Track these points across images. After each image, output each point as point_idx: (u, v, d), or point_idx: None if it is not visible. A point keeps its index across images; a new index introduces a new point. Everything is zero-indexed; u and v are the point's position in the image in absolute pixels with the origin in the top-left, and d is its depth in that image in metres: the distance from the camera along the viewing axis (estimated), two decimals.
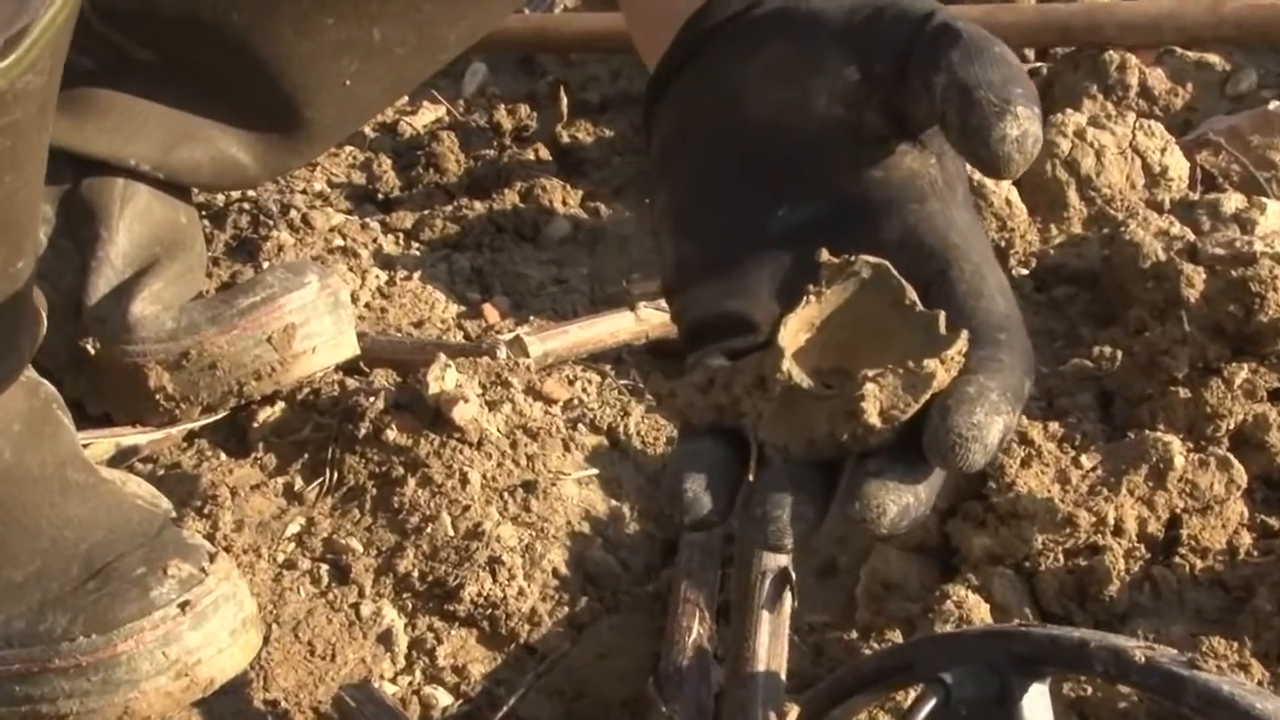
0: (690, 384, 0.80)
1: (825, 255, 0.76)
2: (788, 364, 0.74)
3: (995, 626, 1.20)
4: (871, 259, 0.75)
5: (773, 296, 0.79)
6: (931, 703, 0.93)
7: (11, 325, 1.15)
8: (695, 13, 0.86)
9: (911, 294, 0.74)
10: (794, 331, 0.76)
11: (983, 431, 0.69)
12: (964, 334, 0.72)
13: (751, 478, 0.77)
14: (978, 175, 1.59)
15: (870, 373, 0.72)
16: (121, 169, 1.45)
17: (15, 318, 1.14)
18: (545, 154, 1.92)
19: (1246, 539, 1.27)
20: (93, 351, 1.43)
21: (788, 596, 1.21)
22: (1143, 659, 0.90)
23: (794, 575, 1.22)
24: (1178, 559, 1.25)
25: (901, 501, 0.71)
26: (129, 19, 1.19)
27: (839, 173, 0.81)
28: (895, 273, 0.75)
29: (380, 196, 1.88)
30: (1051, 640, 0.94)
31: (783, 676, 1.16)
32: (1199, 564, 1.25)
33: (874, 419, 0.72)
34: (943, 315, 0.73)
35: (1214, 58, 1.89)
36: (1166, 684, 0.90)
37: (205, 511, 1.37)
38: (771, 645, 1.17)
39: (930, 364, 0.71)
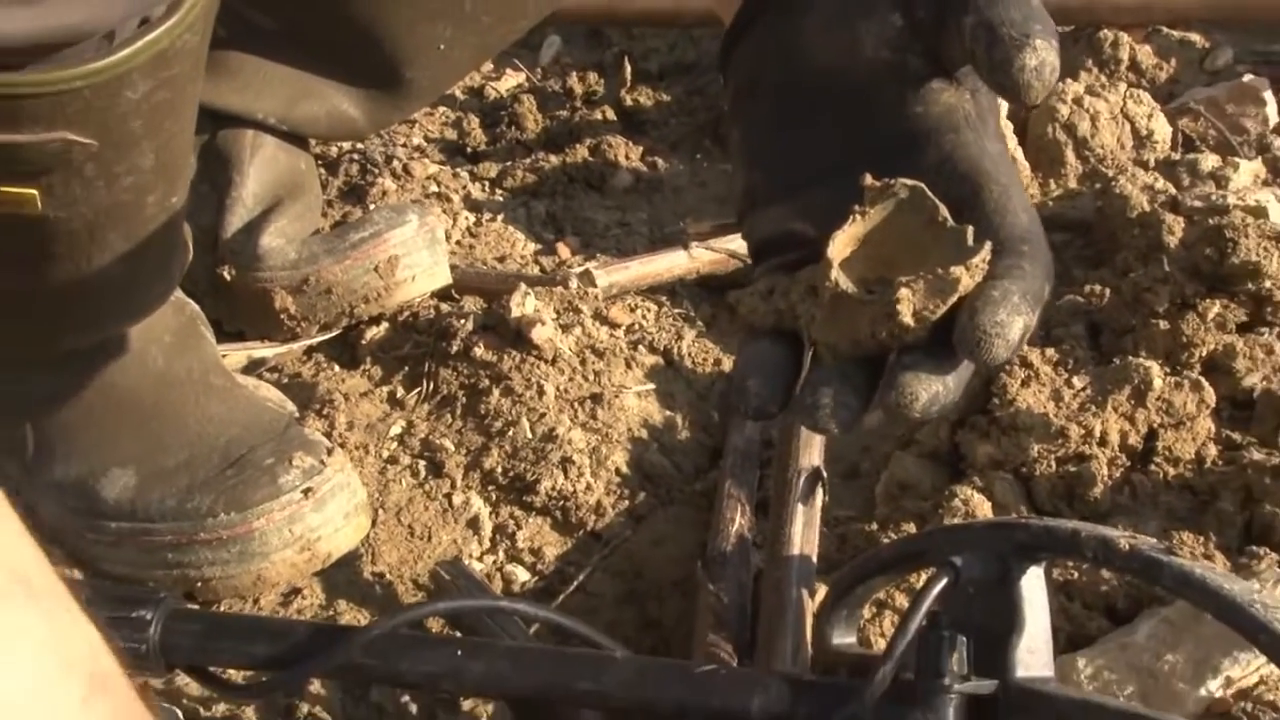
0: (754, 292, 0.82)
1: (869, 179, 0.76)
2: (835, 273, 0.75)
3: (999, 519, 1.20)
4: (909, 181, 0.76)
5: (826, 220, 0.80)
6: (943, 582, 0.94)
7: (166, 252, 1.17)
8: None
9: (944, 211, 0.75)
10: (841, 246, 0.76)
11: (1005, 329, 0.70)
12: (988, 245, 0.73)
13: (804, 373, 0.79)
14: (1011, 150, 1.60)
15: (904, 279, 0.73)
16: (250, 122, 1.46)
17: (169, 246, 1.17)
18: (610, 115, 1.92)
19: (1213, 450, 1.27)
20: (228, 278, 1.45)
21: (819, 492, 1.22)
22: (1126, 546, 0.91)
23: (825, 474, 1.24)
24: (1153, 467, 1.26)
25: (932, 390, 0.72)
26: None
27: (885, 109, 0.81)
28: (929, 193, 0.75)
29: (469, 150, 1.89)
30: (1048, 530, 0.95)
31: (814, 560, 1.18)
32: (1172, 471, 1.26)
33: (908, 319, 0.73)
34: (970, 229, 0.74)
35: (1195, 36, 1.87)
36: (1146, 568, 0.91)
37: (322, 413, 1.39)
38: (805, 534, 1.19)
39: (956, 270, 0.72)
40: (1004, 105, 1.64)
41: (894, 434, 1.36)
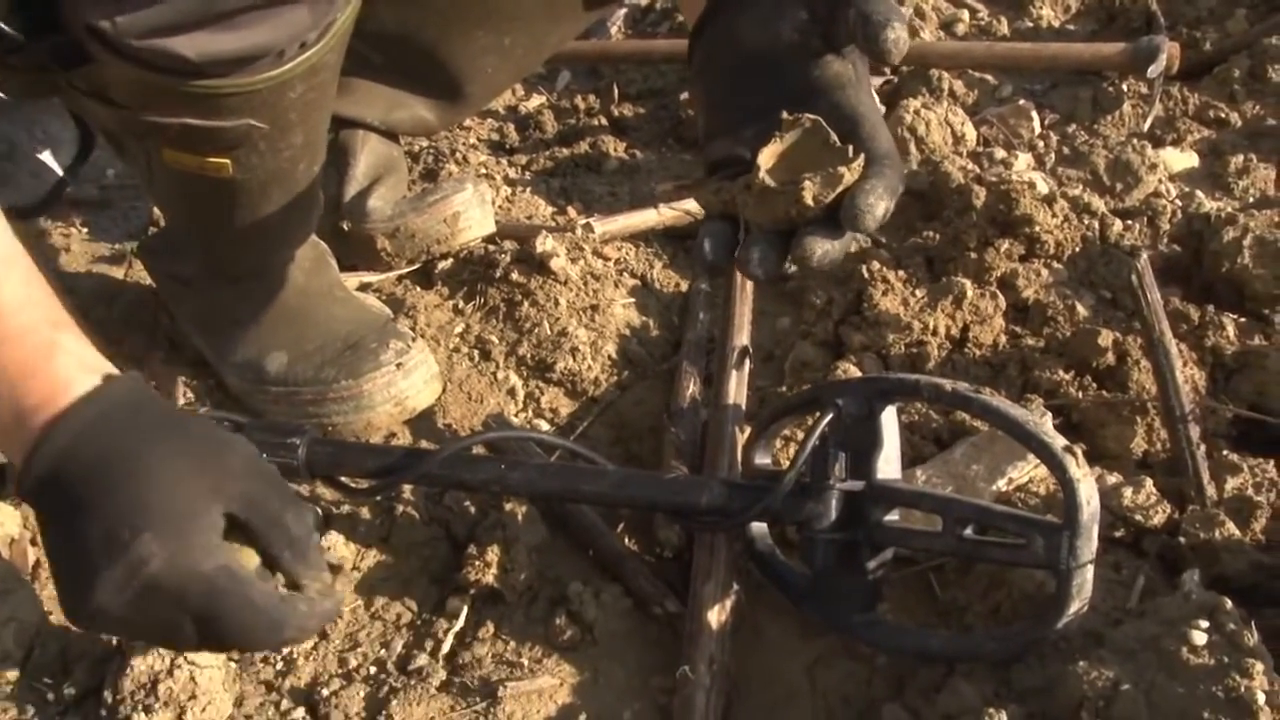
0: (709, 190, 0.84)
1: (785, 115, 0.80)
2: (763, 173, 0.78)
3: (869, 375, 1.21)
4: (812, 116, 0.79)
5: (757, 144, 0.82)
6: (830, 415, 0.95)
7: (309, 204, 1.17)
8: None
9: (834, 136, 0.78)
10: (766, 158, 0.79)
11: (873, 208, 0.75)
12: (863, 156, 0.77)
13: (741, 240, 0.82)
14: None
15: (808, 175, 0.76)
16: (361, 124, 1.44)
17: (310, 200, 1.16)
18: (603, 122, 1.90)
19: (1003, 339, 1.28)
20: (346, 228, 1.43)
21: (746, 363, 1.22)
22: (950, 388, 0.92)
23: (751, 351, 1.24)
24: (967, 349, 1.26)
25: (824, 247, 0.77)
26: (367, 35, 1.21)
27: (796, 74, 0.84)
28: (825, 124, 0.79)
29: (507, 146, 1.87)
30: (900, 380, 0.96)
31: (743, 408, 1.18)
32: (978, 352, 1.26)
33: (809, 200, 0.76)
34: (851, 148, 0.78)
35: (989, 76, 1.89)
36: (962, 402, 0.92)
37: (409, 317, 1.38)
38: (737, 390, 1.19)
39: (840, 169, 0.76)
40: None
41: (797, 330, 1.36)
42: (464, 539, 1.09)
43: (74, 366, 0.77)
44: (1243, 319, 1.27)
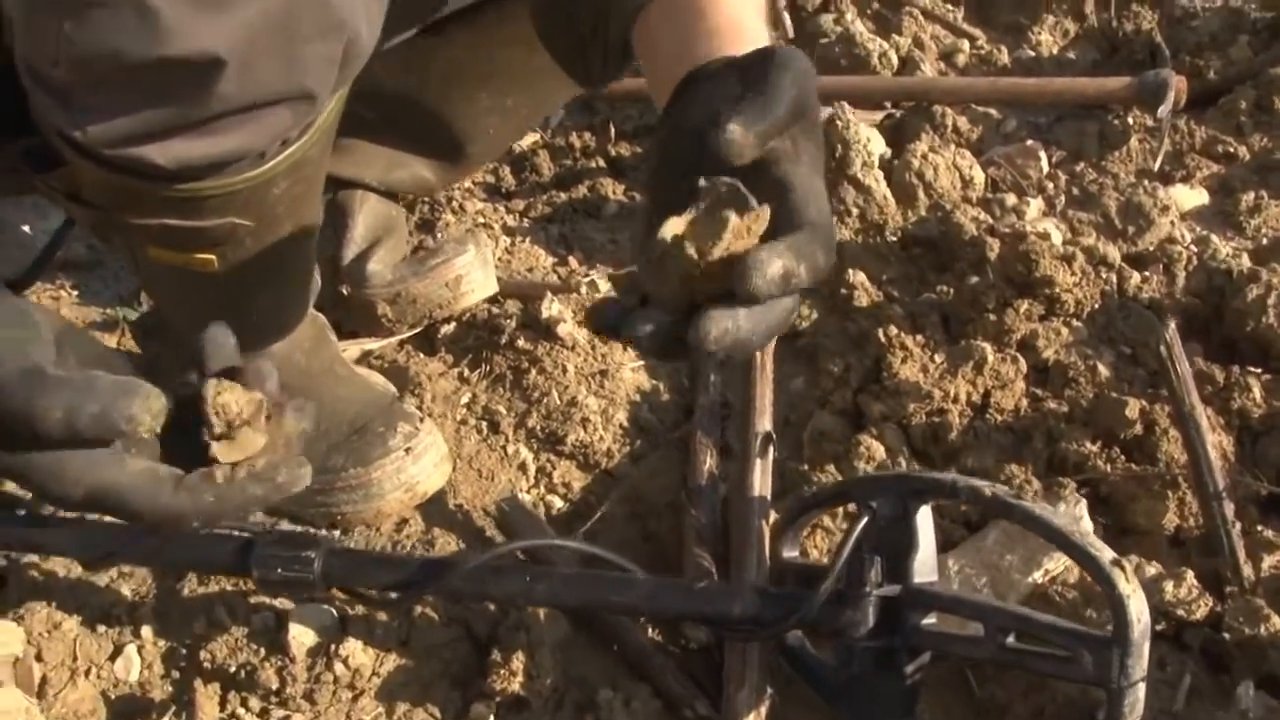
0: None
1: (701, 180, 0.70)
2: (660, 236, 0.68)
3: (902, 472, 1.17)
4: (728, 180, 0.69)
5: None
6: (865, 519, 0.93)
7: (305, 281, 1.14)
8: (681, 79, 0.81)
9: (753, 201, 0.68)
10: (672, 226, 0.68)
11: (764, 265, 0.65)
12: (766, 207, 0.68)
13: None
14: (882, 190, 1.57)
15: (685, 223, 0.68)
16: (359, 185, 1.41)
17: (307, 276, 1.14)
18: (601, 163, 1.86)
19: (1025, 404, 1.26)
20: (345, 293, 1.40)
21: (770, 449, 1.19)
22: (989, 493, 0.89)
23: (774, 437, 1.20)
24: (988, 415, 1.24)
25: (722, 325, 0.66)
26: (364, 95, 1.17)
27: None
28: (742, 187, 0.69)
29: (503, 190, 1.82)
30: (936, 480, 0.93)
31: (769, 498, 1.14)
32: (999, 419, 1.24)
33: (692, 253, 0.66)
34: (767, 207, 0.68)
35: (993, 111, 1.86)
36: (1002, 508, 0.89)
37: (414, 390, 1.34)
38: (761, 480, 1.15)
39: (728, 214, 0.66)
40: (874, 154, 1.61)
41: (812, 395, 1.33)
42: (485, 639, 1.06)
43: None
44: (1268, 377, 1.25)
